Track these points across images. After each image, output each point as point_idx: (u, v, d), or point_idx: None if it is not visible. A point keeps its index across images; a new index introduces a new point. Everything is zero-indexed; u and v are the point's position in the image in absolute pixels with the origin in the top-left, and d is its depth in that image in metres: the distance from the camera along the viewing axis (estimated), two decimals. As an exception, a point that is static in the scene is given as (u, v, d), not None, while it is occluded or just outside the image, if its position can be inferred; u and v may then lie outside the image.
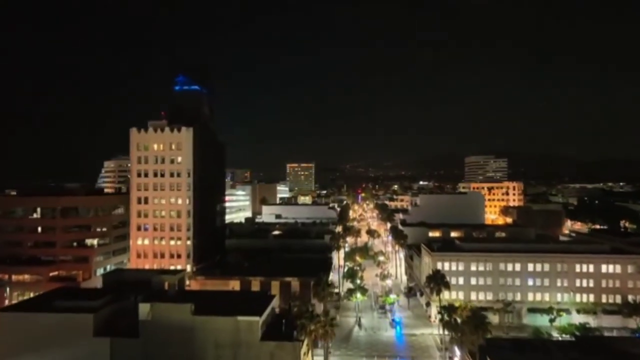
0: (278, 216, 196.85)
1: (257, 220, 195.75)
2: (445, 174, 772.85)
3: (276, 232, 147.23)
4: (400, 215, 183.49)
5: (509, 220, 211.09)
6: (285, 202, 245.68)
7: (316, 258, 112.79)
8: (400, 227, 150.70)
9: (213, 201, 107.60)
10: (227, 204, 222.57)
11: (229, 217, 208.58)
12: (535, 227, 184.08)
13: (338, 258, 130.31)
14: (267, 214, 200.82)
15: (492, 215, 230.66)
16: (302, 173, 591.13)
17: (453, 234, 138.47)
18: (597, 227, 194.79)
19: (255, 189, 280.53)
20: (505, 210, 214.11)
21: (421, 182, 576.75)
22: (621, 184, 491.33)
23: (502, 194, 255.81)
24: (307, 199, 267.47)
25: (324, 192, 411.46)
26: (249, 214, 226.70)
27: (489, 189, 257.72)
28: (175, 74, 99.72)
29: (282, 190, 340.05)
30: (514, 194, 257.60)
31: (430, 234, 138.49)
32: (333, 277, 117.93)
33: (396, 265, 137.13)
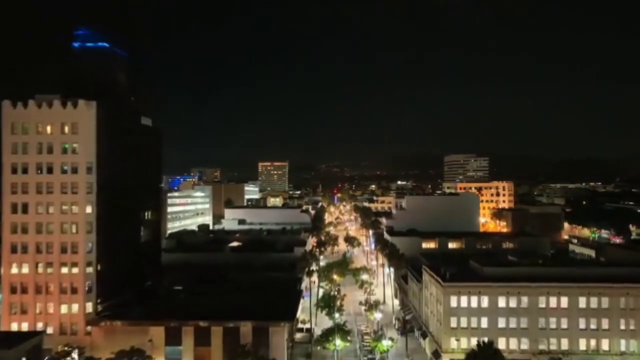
0: (242, 221, 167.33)
1: (217, 227, 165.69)
2: (419, 174, 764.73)
3: (235, 244, 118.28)
4: (384, 220, 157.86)
5: (503, 224, 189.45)
6: (252, 204, 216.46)
7: (283, 280, 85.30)
8: (386, 236, 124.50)
9: (136, 208, 77.48)
10: (182, 208, 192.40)
11: (184, 224, 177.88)
12: (534, 232, 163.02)
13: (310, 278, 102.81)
14: (230, 219, 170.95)
15: (482, 219, 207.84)
16: (275, 172, 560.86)
17: (451, 245, 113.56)
18: (602, 231, 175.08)
19: (219, 189, 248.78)
20: (499, 213, 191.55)
21: (399, 182, 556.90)
22: (598, 183, 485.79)
23: (492, 195, 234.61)
24: (278, 201, 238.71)
25: (298, 192, 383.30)
26: (209, 218, 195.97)
27: (478, 189, 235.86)
28: (75, 26, 69.18)
29: (251, 191, 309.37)
30: (503, 195, 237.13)
31: (424, 245, 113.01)
32: (304, 302, 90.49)
33: (383, 283, 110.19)
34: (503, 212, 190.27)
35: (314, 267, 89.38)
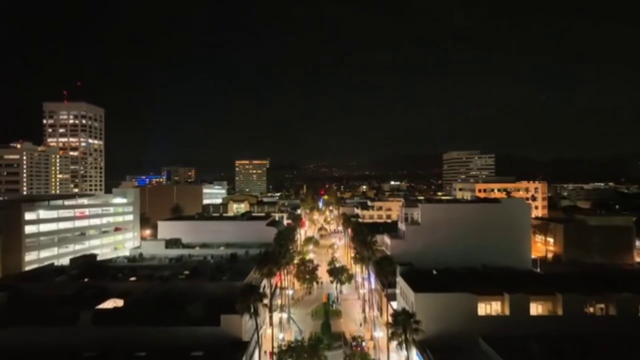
0: (174, 243, 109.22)
1: (136, 252, 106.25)
2: (408, 174, 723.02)
3: (109, 304, 60.59)
4: (388, 240, 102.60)
5: (550, 240, 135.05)
6: (203, 214, 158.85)
7: None
8: (402, 286, 67.97)
9: None
10: (90, 222, 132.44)
11: (91, 246, 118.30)
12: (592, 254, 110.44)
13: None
14: (157, 241, 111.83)
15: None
16: (254, 172, 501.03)
17: (534, 309, 58.10)
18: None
19: (168, 192, 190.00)
20: (544, 227, 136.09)
21: (392, 182, 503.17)
22: (610, 184, 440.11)
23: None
24: (243, 207, 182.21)
25: (278, 194, 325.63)
26: (132, 236, 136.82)
27: (504, 191, 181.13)
28: None
29: (216, 194, 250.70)
30: (536, 200, 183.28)
31: (482, 310, 57.55)
32: None
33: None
34: (550, 225, 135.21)
35: None
